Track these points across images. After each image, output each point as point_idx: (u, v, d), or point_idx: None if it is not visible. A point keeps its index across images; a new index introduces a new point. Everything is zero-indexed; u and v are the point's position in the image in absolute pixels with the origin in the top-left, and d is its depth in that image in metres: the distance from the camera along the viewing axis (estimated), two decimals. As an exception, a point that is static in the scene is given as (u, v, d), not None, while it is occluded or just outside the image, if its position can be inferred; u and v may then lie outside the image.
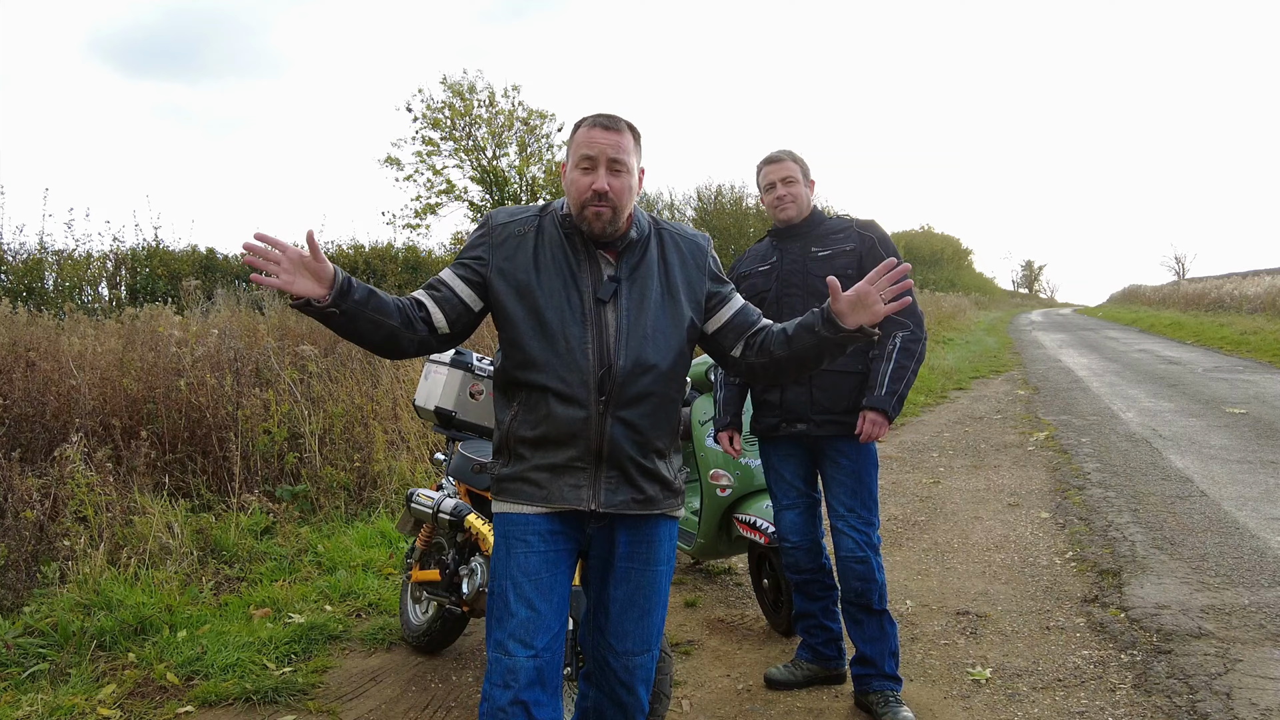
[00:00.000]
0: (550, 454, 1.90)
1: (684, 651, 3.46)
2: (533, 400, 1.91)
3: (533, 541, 1.92)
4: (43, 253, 9.94)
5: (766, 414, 3.02)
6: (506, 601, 1.90)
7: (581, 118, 1.98)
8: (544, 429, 1.89)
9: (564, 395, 1.88)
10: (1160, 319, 25.46)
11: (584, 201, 1.91)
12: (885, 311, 1.85)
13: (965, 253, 52.36)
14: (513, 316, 1.92)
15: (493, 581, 1.96)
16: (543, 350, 1.89)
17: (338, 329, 1.85)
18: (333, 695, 3.11)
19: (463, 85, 19.34)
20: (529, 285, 1.92)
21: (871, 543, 2.90)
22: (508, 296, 1.93)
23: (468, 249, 2.01)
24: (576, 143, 1.94)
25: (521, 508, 1.93)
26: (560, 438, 1.89)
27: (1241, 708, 2.79)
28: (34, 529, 3.83)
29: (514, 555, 1.91)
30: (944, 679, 3.16)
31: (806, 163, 3.04)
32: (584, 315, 1.91)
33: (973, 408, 9.89)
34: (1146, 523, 4.91)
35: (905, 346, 2.83)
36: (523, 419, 1.92)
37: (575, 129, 1.98)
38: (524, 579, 1.90)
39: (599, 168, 1.90)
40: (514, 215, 2.02)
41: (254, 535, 4.46)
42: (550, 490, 1.91)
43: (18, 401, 4.71)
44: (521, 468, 1.93)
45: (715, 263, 2.12)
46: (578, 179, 1.92)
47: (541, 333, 1.89)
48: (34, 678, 3.12)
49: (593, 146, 1.91)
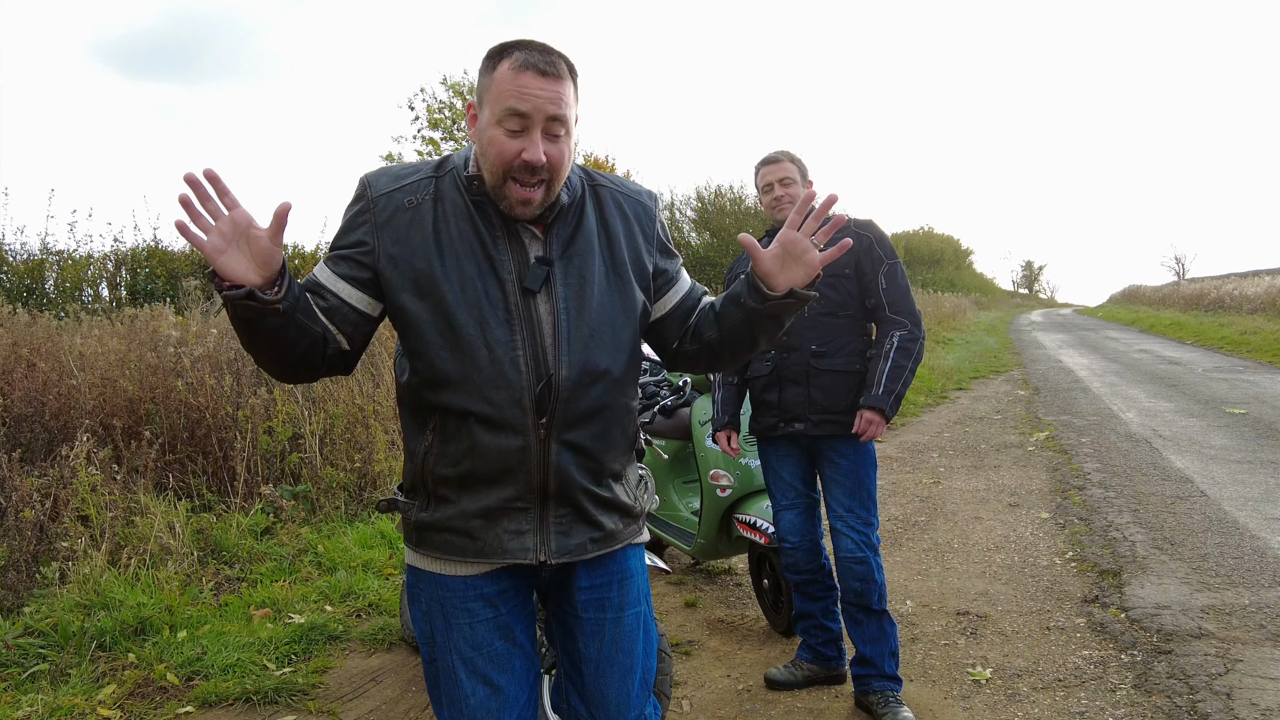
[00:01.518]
0: (480, 495, 1.47)
1: (684, 651, 3.46)
2: (450, 428, 1.45)
3: (476, 609, 1.51)
4: (44, 254, 9.96)
5: (764, 414, 3.02)
6: (457, 681, 1.51)
7: (501, 46, 1.43)
8: (468, 464, 1.45)
9: (491, 420, 1.43)
10: (1160, 319, 25.45)
11: (509, 171, 1.42)
12: (821, 260, 1.48)
13: (965, 253, 52.39)
14: (414, 319, 1.45)
15: (432, 651, 1.55)
16: (458, 363, 1.43)
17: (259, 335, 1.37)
18: (333, 695, 3.11)
19: (464, 85, 19.38)
20: (431, 276, 1.44)
21: (871, 543, 2.90)
22: (404, 293, 1.45)
23: (343, 233, 1.49)
24: (501, 88, 1.40)
25: (453, 568, 1.51)
26: (491, 474, 1.45)
27: (1242, 708, 2.79)
28: (34, 529, 3.84)
29: (456, 627, 1.51)
30: (944, 679, 3.16)
31: (805, 163, 3.05)
32: (509, 312, 1.45)
33: (973, 408, 9.89)
34: (1147, 523, 4.90)
35: (903, 346, 2.83)
36: (440, 452, 1.47)
37: (494, 62, 1.43)
38: (474, 653, 1.51)
39: (533, 130, 1.40)
40: (400, 179, 1.50)
41: (254, 535, 4.46)
42: (485, 541, 1.48)
43: (18, 402, 4.71)
44: (446, 514, 1.48)
45: (664, 230, 1.68)
46: (502, 142, 1.40)
47: (454, 339, 1.43)
48: (34, 678, 3.12)
49: (525, 99, 1.39)
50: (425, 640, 1.57)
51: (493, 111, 1.41)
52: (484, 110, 1.44)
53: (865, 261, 2.90)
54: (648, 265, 1.60)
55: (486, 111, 1.43)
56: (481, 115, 1.45)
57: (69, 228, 12.07)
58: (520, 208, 1.44)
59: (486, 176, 1.45)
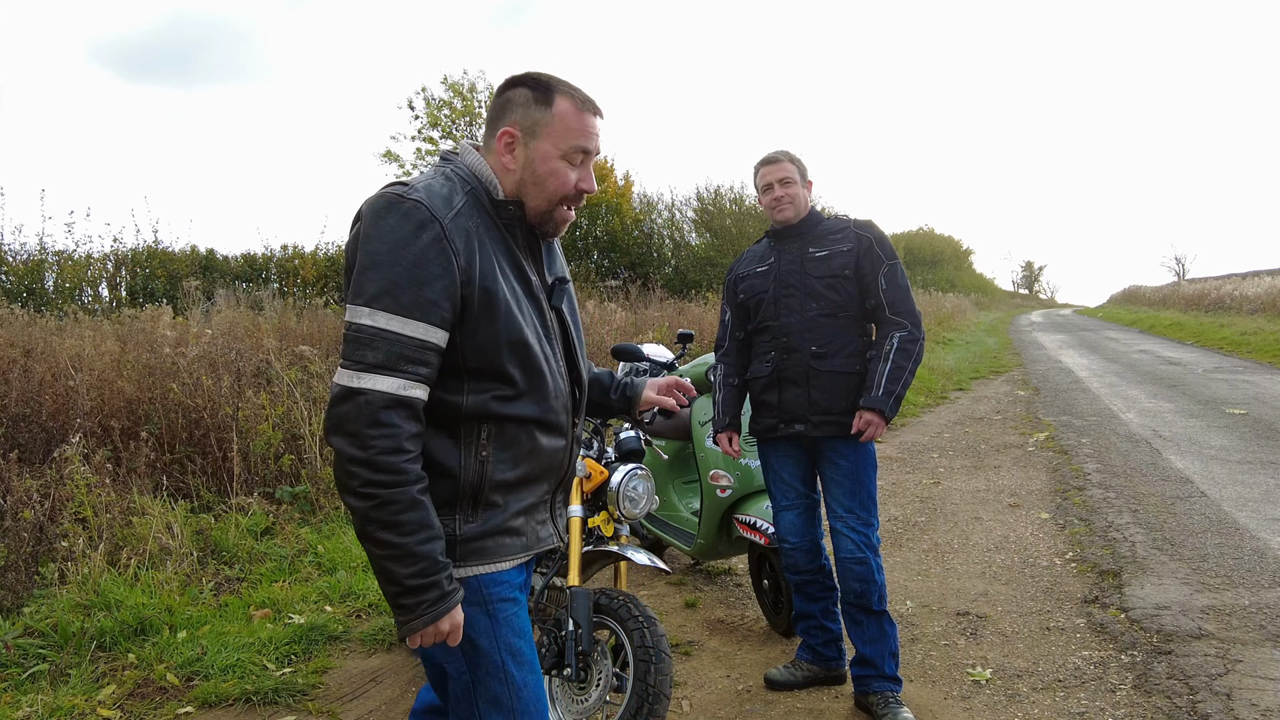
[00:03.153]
0: (525, 494, 1.57)
1: (684, 652, 3.45)
2: (509, 435, 1.52)
3: (519, 598, 1.60)
4: (43, 254, 9.95)
5: (765, 415, 3.02)
6: (507, 677, 1.54)
7: (544, 81, 1.54)
8: (527, 467, 1.55)
9: (549, 425, 1.57)
10: (1160, 320, 25.45)
11: (565, 198, 1.56)
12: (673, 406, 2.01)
13: (965, 253, 52.44)
14: (489, 341, 1.47)
15: (473, 655, 1.53)
16: (527, 376, 1.52)
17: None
18: (333, 696, 3.11)
19: (463, 85, 19.40)
20: (501, 297, 1.47)
21: (871, 543, 2.90)
22: (484, 316, 1.46)
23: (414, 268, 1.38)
24: (565, 126, 1.52)
25: (502, 565, 1.55)
26: (540, 474, 1.59)
27: (1242, 708, 2.79)
28: (33, 530, 3.83)
29: (503, 620, 1.54)
30: (944, 680, 3.16)
31: (804, 163, 3.04)
32: (547, 327, 1.59)
33: (973, 408, 9.88)
34: (1147, 523, 4.90)
35: (903, 347, 2.82)
36: (498, 459, 1.51)
37: (547, 98, 1.53)
38: (519, 641, 1.57)
39: (589, 163, 1.58)
40: (450, 203, 1.46)
41: (254, 536, 4.46)
42: (527, 535, 1.59)
43: (15, 402, 4.71)
44: (499, 519, 1.53)
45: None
46: (563, 171, 1.53)
47: (525, 355, 1.51)
48: (34, 678, 3.12)
49: (591, 139, 1.55)
50: (451, 655, 1.53)
51: (557, 145, 1.53)
52: (541, 142, 1.53)
53: (865, 262, 2.89)
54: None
55: (547, 144, 1.52)
56: (537, 146, 1.53)
57: (67, 228, 12.10)
58: (563, 226, 1.61)
59: (537, 202, 1.55)
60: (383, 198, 1.42)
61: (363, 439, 1.33)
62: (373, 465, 1.33)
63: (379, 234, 1.39)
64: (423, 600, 1.37)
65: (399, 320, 1.36)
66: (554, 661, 2.48)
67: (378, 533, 1.35)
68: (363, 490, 1.34)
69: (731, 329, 3.17)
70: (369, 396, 1.34)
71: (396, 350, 1.36)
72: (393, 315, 1.36)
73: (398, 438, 1.35)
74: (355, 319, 1.38)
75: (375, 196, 1.44)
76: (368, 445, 1.33)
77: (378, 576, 1.40)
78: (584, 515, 2.72)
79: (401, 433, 1.35)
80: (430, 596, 1.37)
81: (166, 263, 11.38)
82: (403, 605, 1.37)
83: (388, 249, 1.38)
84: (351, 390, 1.35)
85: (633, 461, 2.87)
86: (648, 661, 2.41)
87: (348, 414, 1.35)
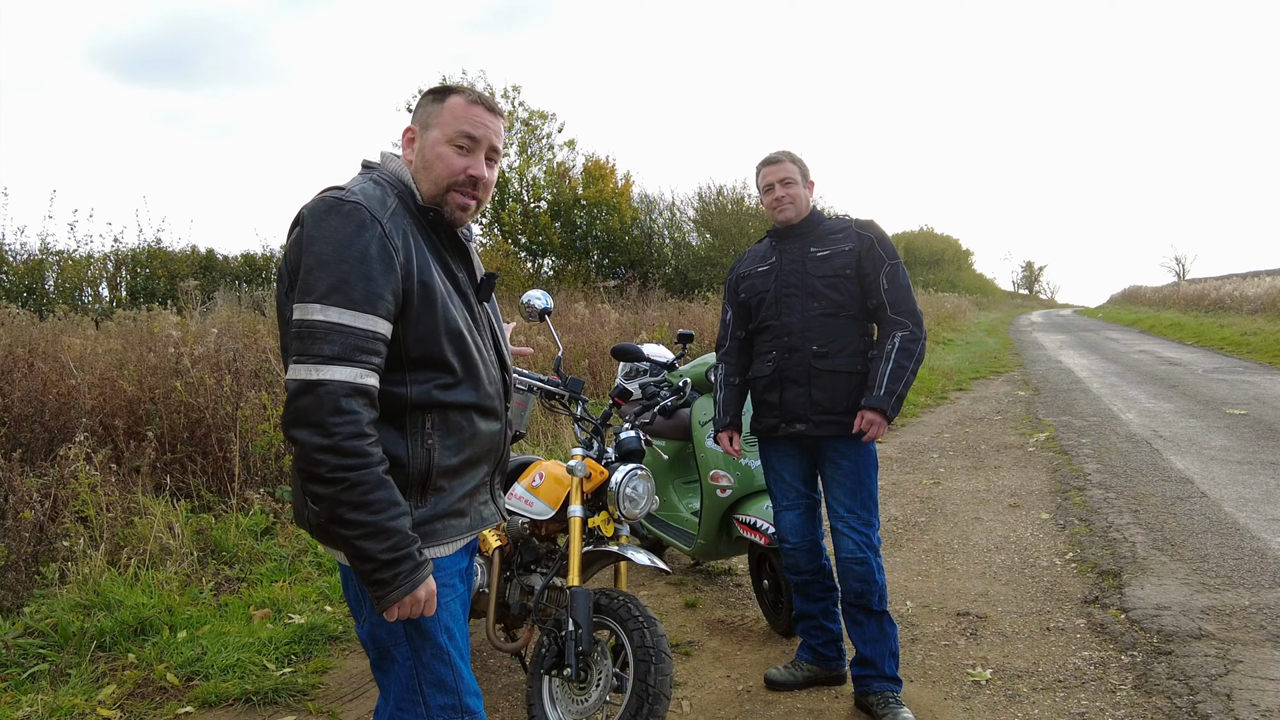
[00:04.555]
0: (468, 477, 1.66)
1: (684, 652, 3.45)
2: (451, 422, 1.61)
3: (457, 585, 1.67)
4: (44, 254, 9.96)
5: (766, 414, 3.02)
6: (450, 661, 1.62)
7: (448, 85, 1.68)
8: (468, 451, 1.64)
9: (485, 409, 1.67)
10: (1161, 320, 25.44)
11: (453, 184, 1.63)
12: None
13: (965, 253, 52.42)
14: (429, 332, 1.56)
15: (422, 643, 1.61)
16: (465, 363, 1.62)
17: None
18: (333, 696, 3.11)
19: (462, 85, 19.36)
20: (434, 288, 1.57)
21: (871, 544, 2.90)
22: (424, 307, 1.56)
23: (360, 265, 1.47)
24: (453, 114, 1.63)
25: (445, 548, 1.64)
26: (480, 456, 1.68)
27: (1242, 709, 2.79)
28: (34, 529, 3.83)
29: (443, 605, 1.61)
30: (944, 680, 3.16)
31: (805, 163, 3.04)
32: (477, 320, 1.70)
33: (973, 409, 9.88)
34: (1147, 524, 4.90)
35: (904, 346, 2.82)
36: (442, 445, 1.59)
37: (442, 96, 1.66)
38: (456, 628, 1.66)
39: (479, 151, 1.65)
40: (386, 206, 1.56)
41: (254, 536, 4.46)
42: (471, 516, 1.68)
43: (18, 402, 4.71)
44: (446, 503, 1.62)
45: None
46: (450, 156, 1.62)
47: (460, 345, 1.61)
48: (34, 678, 3.12)
49: (476, 126, 1.63)
50: (397, 640, 1.60)
51: (444, 132, 1.63)
52: (430, 131, 1.65)
53: (866, 262, 2.89)
54: None
55: (435, 132, 1.64)
56: (426, 136, 1.65)
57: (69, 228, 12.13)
58: (459, 213, 1.65)
59: (427, 188, 1.64)
60: (323, 201, 1.51)
61: (327, 427, 1.40)
62: (339, 451, 1.40)
63: (323, 235, 1.47)
64: (398, 572, 1.44)
65: (350, 314, 1.44)
66: (554, 661, 2.48)
67: (349, 514, 1.41)
68: (331, 476, 1.40)
69: (732, 328, 3.17)
70: (329, 387, 1.41)
71: (351, 342, 1.44)
72: (344, 310, 1.44)
73: (359, 423, 1.42)
74: (308, 316, 1.44)
75: (315, 200, 1.53)
76: (332, 432, 1.40)
77: (352, 560, 1.45)
78: (584, 515, 2.72)
79: (362, 418, 1.43)
80: (405, 568, 1.45)
81: (167, 263, 11.39)
82: (379, 580, 1.44)
83: (333, 249, 1.46)
84: (311, 383, 1.41)
85: (633, 461, 2.87)
86: (648, 662, 2.40)
87: (309, 406, 1.41)
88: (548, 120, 19.01)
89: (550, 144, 19.11)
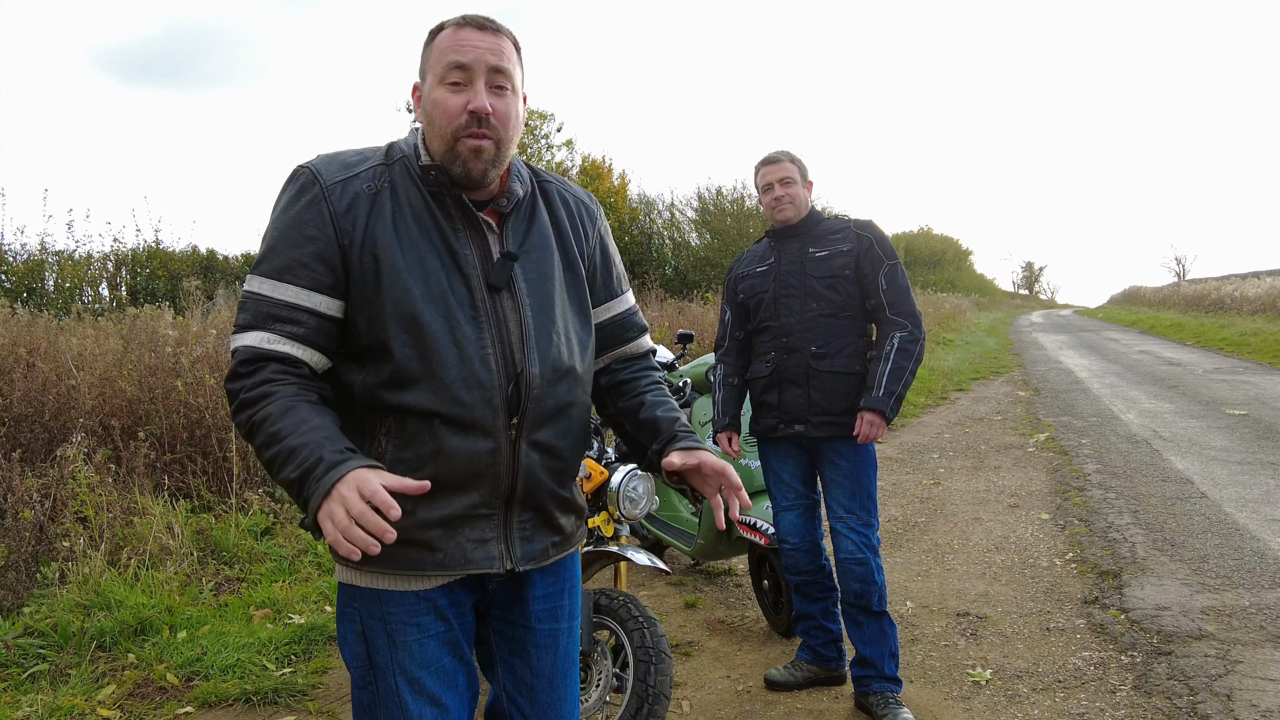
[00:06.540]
0: (441, 503, 1.36)
1: (684, 653, 3.45)
2: (410, 431, 1.35)
3: (427, 624, 1.41)
4: (44, 254, 9.96)
5: (765, 415, 3.02)
6: (402, 703, 1.39)
7: (449, 21, 1.43)
8: (431, 469, 1.34)
9: (460, 422, 1.35)
10: (1160, 320, 25.45)
11: (457, 129, 1.36)
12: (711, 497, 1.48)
13: (965, 253, 52.41)
14: (375, 316, 1.35)
15: (369, 674, 1.42)
16: (423, 361, 1.34)
17: None
18: (333, 696, 3.11)
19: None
20: (394, 268, 1.35)
21: (871, 544, 2.90)
22: (372, 284, 1.35)
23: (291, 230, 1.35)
24: (440, 49, 1.39)
25: (403, 584, 1.39)
26: (456, 479, 1.36)
27: (1242, 709, 2.79)
28: (34, 529, 3.83)
29: (401, 645, 1.39)
30: (944, 680, 3.16)
31: (804, 163, 3.05)
32: (476, 309, 1.38)
33: (973, 409, 9.88)
34: (1147, 524, 4.90)
35: (903, 347, 2.82)
36: (397, 457, 1.35)
37: (433, 35, 1.42)
38: (422, 672, 1.40)
39: (476, 80, 1.37)
40: (351, 167, 1.40)
41: (254, 536, 4.46)
42: (446, 552, 1.37)
43: (17, 402, 4.71)
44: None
45: (607, 236, 1.64)
46: (445, 98, 1.37)
47: (419, 336, 1.34)
48: (34, 678, 3.12)
49: (464, 51, 1.36)
50: (359, 663, 1.43)
51: (435, 73, 1.39)
52: (427, 79, 1.41)
53: (865, 262, 2.90)
54: (586, 266, 1.57)
55: (430, 78, 1.40)
56: (425, 86, 1.42)
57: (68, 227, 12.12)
58: (473, 161, 1.37)
59: (436, 144, 1.39)
60: (290, 171, 1.41)
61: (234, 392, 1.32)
62: (244, 405, 1.31)
63: (275, 204, 1.40)
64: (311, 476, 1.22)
65: (269, 284, 1.35)
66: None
67: (264, 455, 1.28)
68: (246, 430, 1.31)
69: (731, 329, 3.18)
70: (239, 354, 1.34)
71: (263, 309, 1.34)
72: (264, 279, 1.35)
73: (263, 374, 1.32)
74: (245, 287, 1.39)
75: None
76: (238, 394, 1.32)
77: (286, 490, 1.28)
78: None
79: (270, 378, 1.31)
80: (317, 471, 1.21)
81: (167, 263, 11.40)
82: (301, 501, 1.23)
83: (274, 217, 1.38)
84: (232, 350, 1.36)
85: (633, 462, 2.87)
86: (648, 662, 2.41)
87: (231, 369, 1.35)
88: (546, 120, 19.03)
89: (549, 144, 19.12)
